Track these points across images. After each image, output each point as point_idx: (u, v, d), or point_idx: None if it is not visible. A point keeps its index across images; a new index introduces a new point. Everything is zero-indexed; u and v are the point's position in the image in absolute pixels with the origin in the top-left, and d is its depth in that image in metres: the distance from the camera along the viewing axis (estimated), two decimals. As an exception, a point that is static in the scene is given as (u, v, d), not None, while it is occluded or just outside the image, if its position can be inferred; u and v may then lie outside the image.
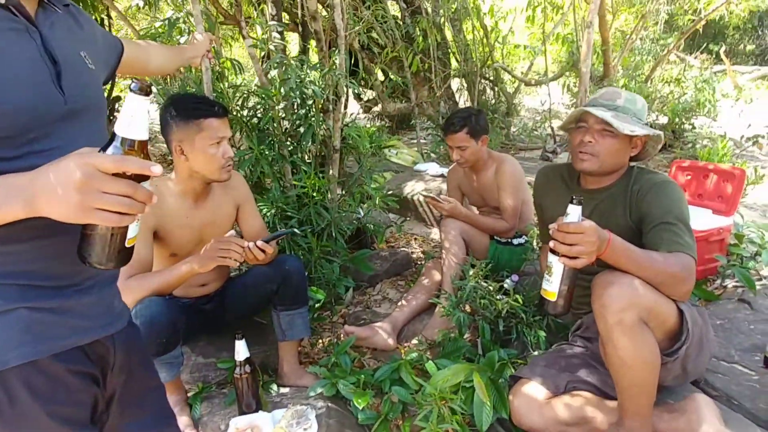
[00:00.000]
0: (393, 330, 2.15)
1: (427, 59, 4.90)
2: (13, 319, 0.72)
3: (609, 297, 1.25)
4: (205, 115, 1.50)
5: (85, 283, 0.81)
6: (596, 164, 1.49)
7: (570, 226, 1.16)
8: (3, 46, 0.68)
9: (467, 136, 2.23)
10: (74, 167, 0.60)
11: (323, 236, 2.28)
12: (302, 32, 3.93)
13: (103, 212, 0.61)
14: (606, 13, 5.50)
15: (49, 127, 0.72)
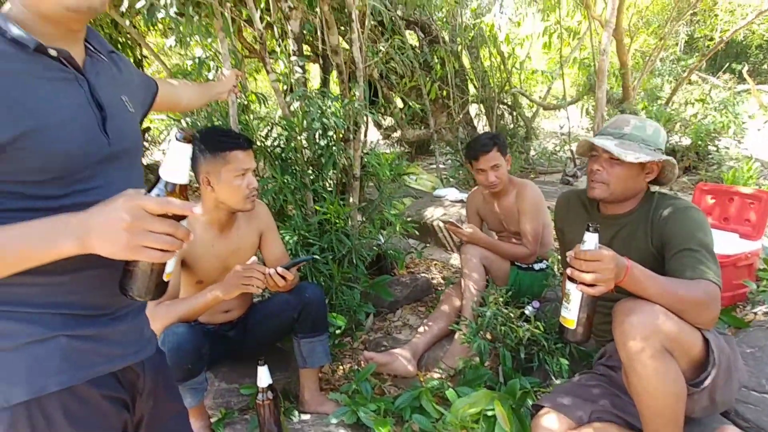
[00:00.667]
0: (413, 356, 2.14)
1: (446, 86, 4.99)
2: (54, 346, 0.76)
3: (630, 325, 1.23)
4: (231, 147, 1.57)
5: (119, 312, 0.86)
6: (606, 192, 1.51)
7: (587, 253, 1.16)
8: (56, 94, 0.75)
9: (499, 154, 2.25)
10: (124, 209, 0.66)
11: (344, 263, 2.31)
12: (323, 64, 4.07)
13: (148, 249, 0.68)
14: (623, 36, 5.53)
15: (93, 168, 0.78)
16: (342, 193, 2.52)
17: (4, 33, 0.71)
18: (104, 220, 0.67)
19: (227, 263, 1.72)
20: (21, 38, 0.71)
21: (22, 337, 0.74)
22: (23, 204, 0.71)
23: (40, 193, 0.72)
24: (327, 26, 2.14)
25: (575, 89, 8.82)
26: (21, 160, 0.69)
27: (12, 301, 0.74)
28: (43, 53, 0.73)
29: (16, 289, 0.73)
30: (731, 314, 2.26)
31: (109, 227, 0.66)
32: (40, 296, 0.75)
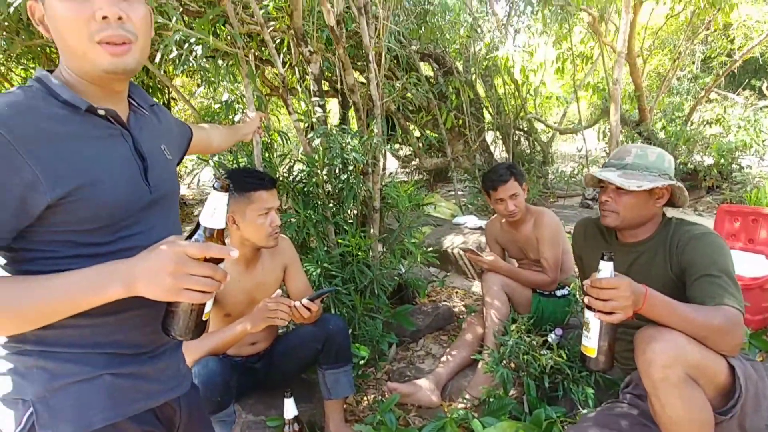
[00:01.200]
0: (437, 386, 2.15)
1: (461, 115, 5.09)
2: (99, 384, 0.81)
3: (652, 353, 1.23)
4: (255, 187, 1.65)
5: (158, 350, 0.91)
6: (618, 220, 1.54)
7: (602, 281, 1.17)
8: (105, 151, 0.81)
9: (516, 183, 2.28)
10: (168, 255, 0.72)
11: (366, 293, 2.35)
12: (342, 100, 4.22)
13: (189, 291, 0.73)
14: (635, 60, 5.57)
15: (137, 215, 0.85)
16: (363, 225, 2.58)
17: (57, 96, 0.77)
18: (150, 265, 0.72)
19: (254, 297, 1.78)
20: (73, 100, 0.78)
21: (69, 376, 0.79)
22: (75, 251, 0.78)
23: (89, 241, 0.79)
24: (344, 67, 2.25)
25: (591, 111, 8.84)
26: (75, 211, 0.76)
27: (61, 342, 0.79)
28: (93, 113, 0.80)
29: (65, 331, 0.79)
30: (762, 338, 2.21)
31: (155, 272, 0.72)
32: (86, 337, 0.81)
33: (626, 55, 5.37)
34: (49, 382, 0.78)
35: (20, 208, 0.71)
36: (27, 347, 0.79)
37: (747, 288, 2.28)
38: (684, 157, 5.17)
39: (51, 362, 0.79)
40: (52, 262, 0.77)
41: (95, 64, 0.77)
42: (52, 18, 0.77)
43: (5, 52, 2.21)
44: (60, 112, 0.77)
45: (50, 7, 0.76)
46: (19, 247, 0.76)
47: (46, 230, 0.76)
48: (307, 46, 2.25)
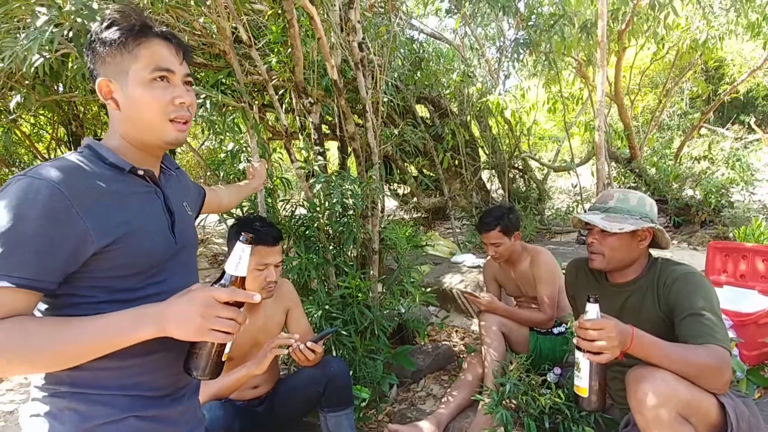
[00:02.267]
0: (438, 428, 2.15)
1: (457, 155, 5.24)
2: (125, 426, 0.88)
3: (643, 393, 1.27)
4: (256, 242, 1.69)
5: (178, 393, 0.99)
6: (603, 262, 1.62)
7: (588, 323, 1.23)
8: (142, 206, 0.94)
9: (501, 234, 2.37)
10: (199, 299, 0.82)
11: (366, 334, 2.38)
12: (341, 144, 4.36)
13: (215, 332, 0.83)
14: (623, 101, 5.78)
15: (164, 264, 0.95)
16: (363, 267, 2.64)
17: (104, 159, 0.91)
18: (182, 308, 0.82)
19: (257, 340, 1.83)
20: (118, 163, 0.92)
21: (99, 417, 0.86)
22: (110, 297, 0.88)
23: (123, 287, 0.89)
24: (344, 116, 2.38)
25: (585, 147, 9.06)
26: (115, 258, 0.86)
27: (92, 384, 0.87)
28: (134, 174, 0.94)
29: (96, 373, 0.87)
30: (759, 374, 2.23)
31: (186, 314, 0.81)
32: (114, 379, 0.88)
33: (614, 96, 5.60)
34: (80, 423, 0.85)
35: (72, 256, 0.81)
36: (62, 389, 0.86)
37: (742, 324, 2.32)
38: (675, 192, 5.29)
39: (82, 404, 0.86)
40: (91, 306, 0.85)
41: (163, 136, 0.95)
42: (132, 98, 0.92)
43: (21, 106, 2.33)
44: (106, 173, 0.90)
45: (134, 90, 0.91)
46: (62, 293, 0.84)
47: (88, 276, 0.85)
48: (308, 97, 2.38)
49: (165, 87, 0.93)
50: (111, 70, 0.92)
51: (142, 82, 0.91)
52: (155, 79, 0.92)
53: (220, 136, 2.32)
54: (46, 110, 5.08)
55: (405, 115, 4.91)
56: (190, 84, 0.99)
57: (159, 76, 0.92)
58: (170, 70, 0.94)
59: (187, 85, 0.98)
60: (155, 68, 0.92)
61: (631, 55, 6.30)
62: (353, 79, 3.23)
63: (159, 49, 0.93)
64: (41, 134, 6.03)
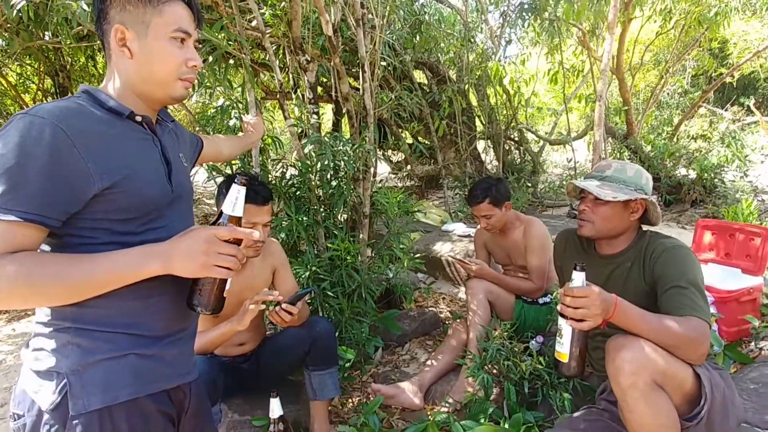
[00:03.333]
0: (420, 389, 2.20)
1: (453, 123, 5.17)
2: (125, 362, 0.91)
3: (621, 360, 1.30)
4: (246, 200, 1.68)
5: (176, 336, 1.01)
6: (592, 230, 1.62)
7: (574, 290, 1.25)
8: (140, 151, 0.95)
9: (490, 206, 2.36)
10: (201, 237, 0.87)
11: (354, 297, 2.40)
12: (335, 106, 4.27)
13: (218, 268, 0.87)
14: (624, 75, 5.69)
15: (161, 211, 0.97)
16: (352, 230, 2.63)
17: (103, 105, 0.92)
18: (186, 245, 0.86)
19: (241, 297, 1.82)
20: (117, 108, 0.93)
21: (100, 353, 0.89)
22: (110, 239, 0.89)
23: (123, 230, 0.91)
24: (339, 76, 2.31)
25: (583, 122, 8.98)
26: (115, 201, 0.88)
27: (95, 321, 0.89)
28: (131, 119, 0.95)
29: (99, 311, 0.89)
30: (736, 350, 2.29)
31: (190, 251, 0.86)
32: (116, 318, 0.91)
33: (615, 70, 5.50)
34: (82, 357, 0.88)
35: (74, 195, 0.83)
36: (65, 324, 0.88)
37: (723, 300, 2.36)
38: (669, 170, 5.29)
39: (85, 340, 0.88)
40: (92, 248, 0.87)
41: (170, 92, 0.99)
42: (148, 49, 0.94)
43: (5, 51, 2.23)
44: (105, 117, 0.91)
45: (151, 43, 0.94)
46: (64, 233, 0.86)
47: (88, 218, 0.87)
48: (304, 54, 2.31)
49: (180, 47, 0.97)
50: (130, 18, 0.93)
51: (162, 37, 0.94)
52: (174, 38, 0.95)
53: (210, 90, 2.25)
54: (32, 59, 4.91)
55: (402, 79, 4.81)
56: (197, 49, 1.06)
57: (179, 37, 0.96)
58: (188, 33, 0.98)
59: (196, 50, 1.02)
60: (177, 29, 0.95)
61: (636, 29, 6.17)
62: (350, 40, 3.14)
63: (182, 12, 0.97)
64: (28, 85, 5.86)
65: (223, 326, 1.68)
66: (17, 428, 0.90)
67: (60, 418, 0.86)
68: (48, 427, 0.86)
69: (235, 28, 2.09)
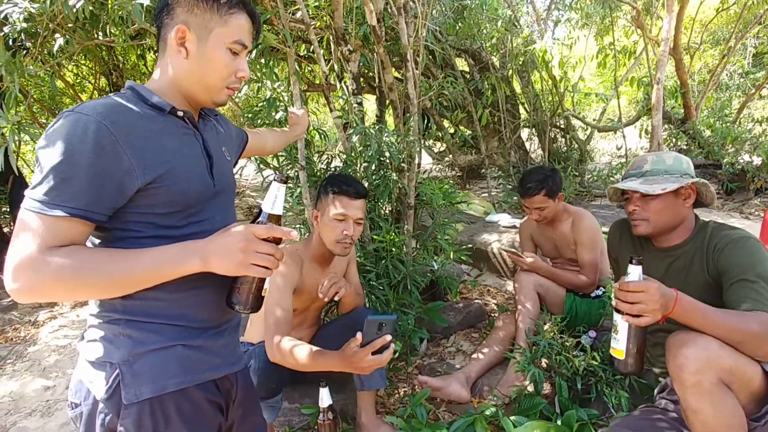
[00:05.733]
0: (467, 382, 2.17)
1: (497, 112, 5.03)
2: (172, 353, 0.93)
3: (684, 358, 1.23)
4: (340, 192, 1.70)
5: (221, 327, 1.03)
6: (649, 227, 1.55)
7: (630, 284, 1.19)
8: (182, 146, 0.96)
9: (545, 198, 2.27)
10: (240, 235, 0.86)
11: (399, 288, 2.39)
12: (379, 96, 4.26)
13: (255, 267, 0.87)
14: (681, 56, 5.35)
15: (203, 204, 0.98)
16: (397, 221, 2.62)
17: (146, 101, 0.94)
18: (224, 243, 0.86)
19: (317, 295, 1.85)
20: (160, 104, 0.94)
21: (150, 344, 0.91)
22: (155, 232, 0.91)
23: (166, 223, 0.93)
24: (383, 66, 2.29)
25: (633, 107, 8.55)
26: (157, 195, 0.89)
27: (144, 313, 0.92)
28: (174, 115, 0.97)
29: (147, 302, 0.91)
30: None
31: (228, 249, 0.85)
32: (163, 309, 0.93)
33: (672, 50, 5.18)
34: (133, 348, 0.90)
35: (119, 190, 0.85)
36: (116, 316, 0.91)
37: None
38: (731, 157, 4.95)
39: (135, 331, 0.91)
40: (137, 241, 0.90)
41: (215, 97, 1.01)
42: (206, 54, 0.96)
43: (64, 50, 2.35)
44: (148, 112, 0.93)
45: (210, 48, 0.96)
46: (111, 227, 0.89)
47: (134, 212, 0.89)
48: (347, 45, 2.30)
49: (234, 58, 0.99)
50: (195, 21, 0.95)
51: (220, 46, 0.96)
52: (231, 49, 0.98)
53: (257, 84, 2.28)
54: (88, 59, 5.16)
55: (444, 67, 4.72)
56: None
57: (236, 49, 0.99)
58: (245, 46, 1.00)
59: None
60: (237, 41, 0.98)
61: (695, 5, 5.78)
62: (392, 29, 3.10)
63: (245, 25, 0.99)
64: (84, 84, 6.17)
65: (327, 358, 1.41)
66: (75, 416, 0.94)
67: (114, 407, 0.89)
68: (103, 416, 0.89)
69: (280, 22, 2.11)
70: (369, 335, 1.27)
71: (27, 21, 2.46)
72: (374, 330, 1.27)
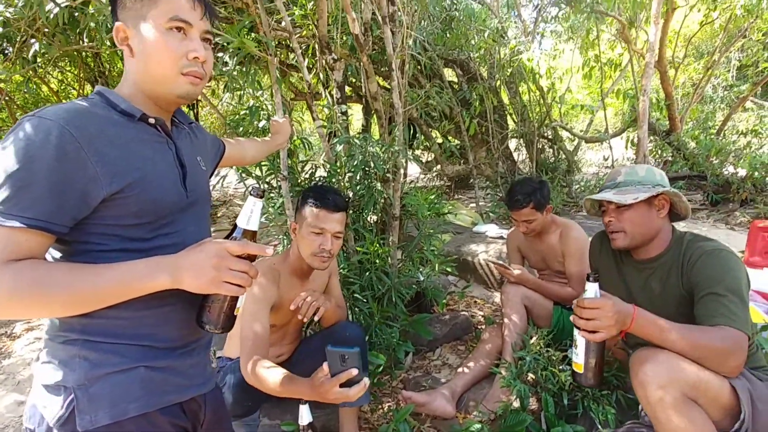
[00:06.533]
0: (452, 397, 2.12)
1: (485, 122, 5.04)
2: (135, 375, 0.87)
3: (644, 374, 1.24)
4: (317, 204, 1.63)
5: (189, 346, 0.97)
6: (626, 240, 1.55)
7: (585, 301, 1.21)
8: (153, 154, 0.91)
9: (533, 210, 2.24)
10: (212, 251, 0.81)
11: (384, 301, 2.35)
12: (365, 106, 4.24)
13: (227, 284, 0.82)
14: (666, 68, 5.43)
15: (174, 216, 0.93)
16: (382, 232, 2.59)
17: (115, 106, 0.89)
18: (195, 259, 0.81)
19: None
20: (129, 110, 0.90)
21: (109, 366, 0.85)
22: (121, 245, 0.86)
23: (133, 236, 0.87)
24: (367, 75, 2.26)
25: (620, 118, 8.64)
26: (125, 206, 0.84)
27: (104, 333, 0.86)
28: (144, 122, 0.92)
29: (108, 321, 0.86)
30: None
31: (200, 265, 0.80)
32: (126, 329, 0.87)
33: (656, 63, 5.26)
34: (89, 371, 0.84)
35: (82, 199, 0.79)
36: (72, 336, 0.85)
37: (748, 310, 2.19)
38: (716, 168, 5.01)
39: (93, 352, 0.85)
40: (102, 254, 0.84)
41: (173, 88, 0.92)
42: (146, 43, 0.89)
43: (44, 55, 2.29)
44: (118, 119, 0.88)
45: (148, 36, 0.88)
46: (73, 239, 0.83)
47: (98, 223, 0.84)
48: (332, 53, 2.27)
49: (181, 39, 0.90)
50: (130, 15, 0.90)
51: (157, 29, 0.88)
52: (171, 28, 0.89)
53: (240, 92, 2.24)
54: (72, 66, 5.08)
55: (432, 77, 4.72)
56: (209, 42, 0.97)
57: (176, 26, 0.89)
58: (188, 22, 0.91)
59: (205, 42, 0.95)
60: (172, 17, 0.89)
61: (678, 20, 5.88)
62: (379, 39, 3.09)
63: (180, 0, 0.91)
64: (69, 91, 6.08)
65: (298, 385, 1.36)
66: None
67: None
68: None
69: (262, 29, 2.08)
70: (334, 367, 1.20)
71: (4, 26, 2.41)
72: (338, 362, 1.20)
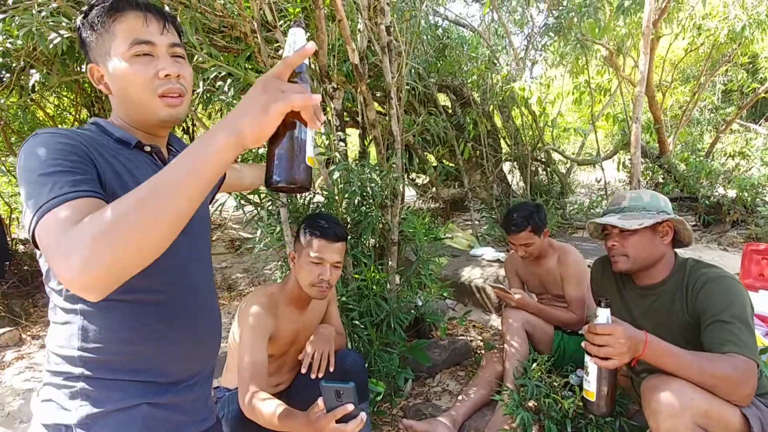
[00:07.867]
0: (453, 425, 2.09)
1: (479, 146, 5.11)
2: (137, 414, 0.86)
3: (657, 403, 1.23)
4: (317, 234, 1.63)
5: (191, 380, 0.96)
6: (629, 263, 1.56)
7: (597, 327, 1.20)
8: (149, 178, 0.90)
9: (531, 234, 2.25)
10: (257, 86, 0.70)
11: (383, 327, 2.33)
12: (362, 132, 4.29)
13: (286, 95, 0.68)
14: (654, 93, 5.56)
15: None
16: (380, 257, 2.58)
17: (111, 135, 0.92)
18: (245, 101, 0.70)
19: (297, 338, 1.78)
20: (125, 137, 0.92)
21: (111, 403, 0.84)
22: None
23: None
24: (365, 103, 2.30)
25: (610, 141, 8.79)
26: None
27: (105, 368, 0.85)
28: (140, 149, 0.94)
29: (108, 357, 0.84)
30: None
31: (250, 100, 0.69)
32: (128, 364, 0.86)
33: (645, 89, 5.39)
34: (91, 409, 0.83)
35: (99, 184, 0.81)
36: (76, 372, 0.84)
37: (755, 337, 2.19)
38: (706, 190, 5.08)
39: (95, 390, 0.84)
40: None
41: (155, 113, 0.91)
42: (116, 77, 0.89)
43: (43, 84, 2.31)
44: (114, 146, 0.90)
45: (115, 69, 0.88)
46: None
47: None
48: (331, 82, 2.31)
49: (148, 61, 0.89)
50: (97, 53, 0.90)
51: (123, 60, 0.88)
52: (136, 54, 0.88)
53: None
54: (69, 91, 5.11)
55: (426, 103, 4.80)
56: (180, 56, 0.94)
57: (141, 51, 0.88)
58: (149, 42, 0.88)
59: (176, 57, 0.92)
60: (132, 42, 0.87)
61: (664, 46, 6.05)
62: (375, 66, 3.14)
63: (134, 22, 0.88)
64: (65, 116, 6.09)
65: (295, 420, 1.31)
66: None
67: None
68: None
69: (261, 58, 2.11)
70: (330, 402, 1.17)
71: (4, 56, 2.44)
72: (333, 397, 1.16)
